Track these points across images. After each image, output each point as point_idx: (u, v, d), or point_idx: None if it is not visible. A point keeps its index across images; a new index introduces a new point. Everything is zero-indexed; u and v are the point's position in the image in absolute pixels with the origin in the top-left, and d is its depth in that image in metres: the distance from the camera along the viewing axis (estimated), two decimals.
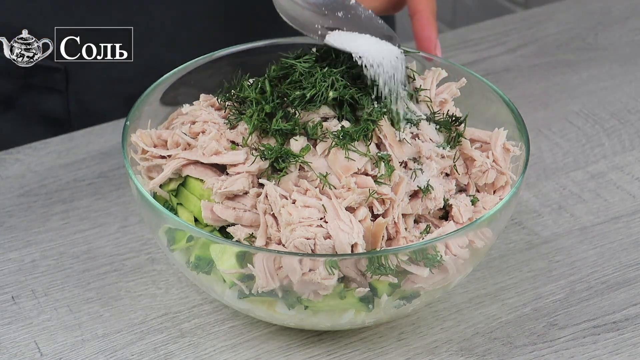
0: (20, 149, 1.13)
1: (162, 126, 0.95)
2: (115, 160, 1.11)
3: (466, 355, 0.90)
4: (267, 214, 0.84)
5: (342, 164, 0.85)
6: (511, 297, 0.96)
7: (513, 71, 1.28)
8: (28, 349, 0.90)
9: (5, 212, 1.04)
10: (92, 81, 1.20)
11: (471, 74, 0.97)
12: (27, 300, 0.95)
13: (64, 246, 1.01)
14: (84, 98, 1.21)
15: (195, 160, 0.88)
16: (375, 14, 1.04)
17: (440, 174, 0.89)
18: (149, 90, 0.95)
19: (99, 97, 1.21)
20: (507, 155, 0.92)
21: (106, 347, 0.91)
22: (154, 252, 1.00)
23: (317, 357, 0.90)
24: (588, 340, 0.92)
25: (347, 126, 0.87)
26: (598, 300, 0.96)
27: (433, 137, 0.89)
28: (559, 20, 1.37)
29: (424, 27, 0.99)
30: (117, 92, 1.19)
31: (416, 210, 0.86)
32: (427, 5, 1.00)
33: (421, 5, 1.00)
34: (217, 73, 0.97)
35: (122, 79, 1.18)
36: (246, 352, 0.90)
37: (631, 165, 1.12)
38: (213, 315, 0.94)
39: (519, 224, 1.04)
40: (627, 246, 1.01)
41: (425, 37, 0.99)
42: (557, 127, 1.18)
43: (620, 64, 1.29)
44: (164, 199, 0.90)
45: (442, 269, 0.85)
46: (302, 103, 0.87)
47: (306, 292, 0.83)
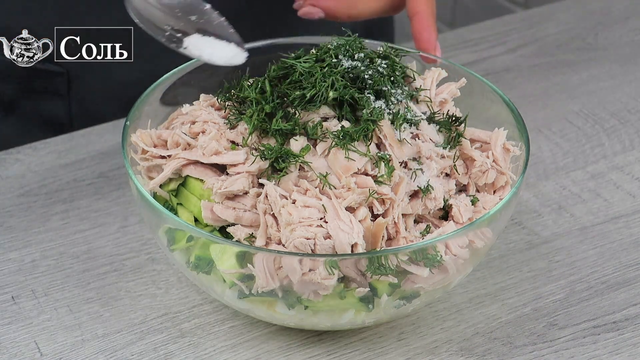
0: (20, 149, 1.13)
1: (162, 126, 0.95)
2: (115, 160, 1.11)
3: (466, 355, 0.90)
4: (267, 214, 0.84)
5: (342, 164, 0.85)
6: (511, 297, 0.96)
7: (513, 71, 1.28)
8: (28, 349, 0.90)
9: (5, 212, 1.04)
10: (94, 85, 1.20)
11: (471, 74, 0.97)
12: (27, 300, 0.95)
13: (64, 246, 1.01)
14: (85, 102, 1.21)
15: (195, 160, 0.88)
16: (375, 15, 1.04)
17: (440, 174, 0.89)
18: (149, 90, 0.95)
19: (101, 101, 1.21)
20: (507, 155, 0.92)
21: (106, 347, 0.91)
22: (154, 252, 1.00)
23: (317, 357, 0.90)
24: (588, 340, 0.92)
25: (347, 126, 0.87)
26: (598, 300, 0.96)
27: (433, 137, 0.89)
28: (559, 20, 1.37)
29: (423, 28, 0.99)
30: (119, 96, 1.19)
31: (416, 210, 0.86)
32: (426, 7, 1.00)
33: (421, 6, 1.00)
34: (217, 73, 0.97)
35: (124, 82, 1.18)
36: (246, 352, 0.90)
37: (631, 165, 1.12)
38: (213, 315, 0.94)
39: (519, 224, 1.04)
40: (627, 246, 1.01)
41: (425, 38, 0.99)
42: (557, 127, 1.18)
43: (620, 64, 1.29)
44: (164, 199, 0.90)
45: (442, 269, 0.85)
46: (302, 103, 0.87)
47: (306, 292, 0.83)
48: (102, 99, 1.21)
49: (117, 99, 1.19)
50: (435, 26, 1.00)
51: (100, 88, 1.20)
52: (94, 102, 1.21)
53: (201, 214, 0.86)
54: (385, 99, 0.88)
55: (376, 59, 0.90)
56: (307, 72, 0.88)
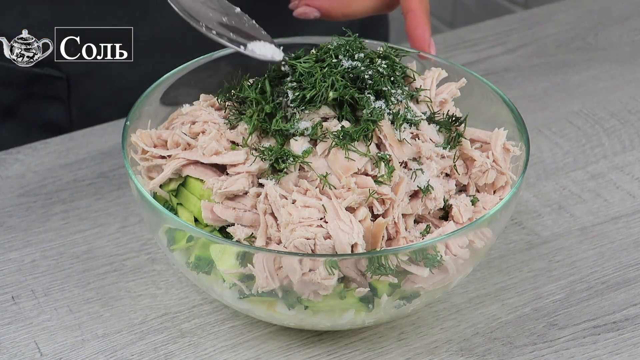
0: (20, 148, 1.13)
1: (162, 126, 0.95)
2: (115, 160, 1.11)
3: (466, 355, 0.90)
4: (267, 214, 0.84)
5: (342, 164, 0.85)
6: (511, 297, 0.96)
7: (513, 71, 1.28)
8: (28, 349, 0.90)
9: (5, 212, 1.04)
10: (94, 89, 1.20)
11: (471, 74, 0.97)
12: (27, 300, 0.95)
13: (64, 246, 1.01)
14: (86, 106, 1.21)
15: (195, 160, 0.88)
16: (370, 13, 1.04)
17: (440, 174, 0.89)
18: (149, 90, 0.95)
19: (101, 105, 1.21)
20: (507, 155, 0.92)
21: (106, 347, 0.91)
22: (154, 252, 1.00)
23: (317, 357, 0.90)
24: (588, 340, 0.92)
25: (347, 126, 0.87)
26: (598, 300, 0.96)
27: (433, 137, 0.89)
28: (559, 20, 1.37)
29: (417, 25, 0.99)
30: (119, 100, 1.19)
31: (416, 210, 0.86)
32: (420, 4, 1.00)
33: (414, 4, 1.00)
34: (217, 73, 0.97)
35: (124, 87, 1.18)
36: (246, 352, 0.90)
37: (631, 165, 1.12)
38: (213, 315, 0.94)
39: (519, 224, 1.04)
40: (627, 246, 1.01)
41: (418, 35, 0.99)
42: (557, 127, 1.18)
43: (620, 64, 1.29)
44: (164, 199, 0.90)
45: (442, 269, 0.85)
46: (302, 103, 0.87)
47: (306, 292, 0.83)
48: (102, 104, 1.21)
49: (116, 103, 1.19)
50: (429, 23, 1.00)
51: (100, 92, 1.20)
52: (94, 107, 1.21)
53: (201, 214, 0.86)
54: (385, 99, 0.88)
55: (376, 59, 0.90)
56: (307, 72, 0.88)
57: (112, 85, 1.19)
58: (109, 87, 1.19)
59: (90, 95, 1.20)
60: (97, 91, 1.20)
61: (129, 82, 1.17)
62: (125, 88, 1.18)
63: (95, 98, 1.20)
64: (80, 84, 1.19)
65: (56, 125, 1.21)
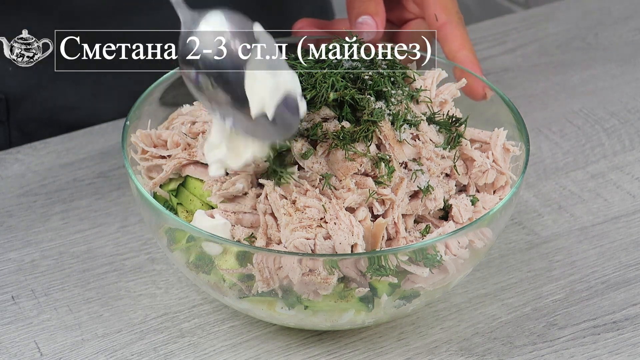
0: (20, 148, 1.13)
1: (162, 126, 0.95)
2: (115, 160, 1.11)
3: (466, 355, 0.90)
4: (267, 214, 0.84)
5: (342, 164, 0.85)
6: (511, 297, 0.96)
7: (513, 71, 1.28)
8: (28, 349, 0.90)
9: (5, 212, 1.04)
10: (33, 110, 1.18)
11: (471, 74, 0.97)
12: (27, 300, 0.95)
13: (64, 246, 1.01)
14: (25, 127, 1.19)
15: (195, 160, 0.88)
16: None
17: (440, 175, 0.89)
18: (149, 90, 0.95)
19: (41, 127, 1.18)
20: (507, 155, 0.92)
21: (106, 347, 0.91)
22: (154, 252, 1.00)
23: (317, 357, 0.90)
24: (588, 340, 0.92)
25: (347, 127, 0.87)
26: (598, 300, 0.96)
27: (433, 138, 0.89)
28: (559, 20, 1.37)
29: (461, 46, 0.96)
30: (58, 121, 1.17)
31: (416, 210, 0.86)
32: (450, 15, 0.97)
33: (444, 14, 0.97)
34: None
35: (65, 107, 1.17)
36: (246, 352, 0.90)
37: (631, 165, 1.12)
38: (213, 315, 0.94)
39: (519, 224, 1.04)
40: (627, 246, 1.01)
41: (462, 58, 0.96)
42: (557, 127, 1.18)
43: (620, 64, 1.29)
44: (164, 199, 0.90)
45: (442, 269, 0.85)
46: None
47: (306, 292, 0.83)
48: (41, 124, 1.18)
49: (57, 124, 1.17)
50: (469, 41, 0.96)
51: (39, 113, 1.18)
52: (34, 128, 1.18)
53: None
54: (385, 99, 0.88)
55: (376, 60, 0.90)
56: (307, 73, 0.88)
57: (54, 105, 1.18)
58: (50, 106, 1.18)
59: (29, 116, 1.19)
60: (36, 112, 1.18)
61: (69, 102, 1.16)
62: (66, 108, 1.18)
63: (35, 119, 1.19)
64: (20, 105, 1.18)
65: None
